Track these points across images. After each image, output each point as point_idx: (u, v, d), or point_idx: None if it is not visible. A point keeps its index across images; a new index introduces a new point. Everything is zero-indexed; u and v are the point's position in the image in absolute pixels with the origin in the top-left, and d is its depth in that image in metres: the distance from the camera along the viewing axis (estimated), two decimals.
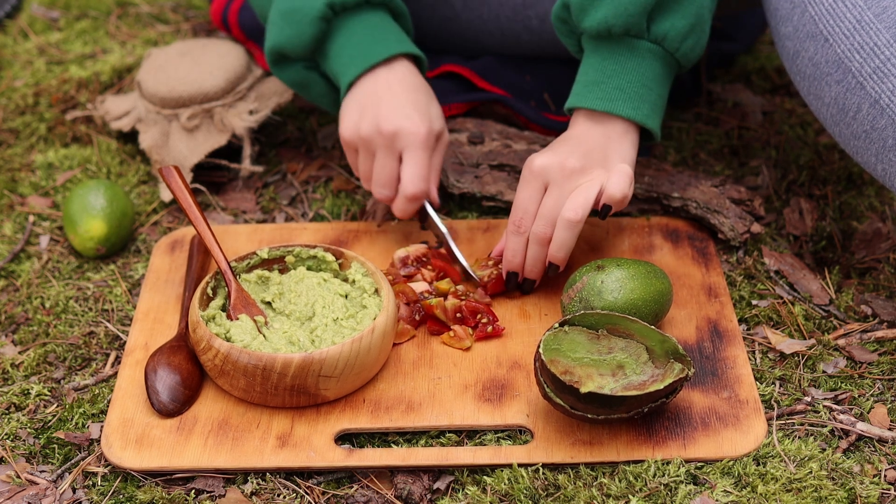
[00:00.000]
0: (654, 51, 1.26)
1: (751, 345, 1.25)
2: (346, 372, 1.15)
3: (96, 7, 1.88)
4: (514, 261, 1.27)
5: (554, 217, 1.24)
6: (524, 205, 1.25)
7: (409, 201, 1.30)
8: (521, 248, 1.26)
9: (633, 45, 1.26)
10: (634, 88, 1.26)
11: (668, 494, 1.08)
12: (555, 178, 1.23)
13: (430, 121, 1.30)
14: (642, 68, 1.26)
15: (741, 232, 1.34)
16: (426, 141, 1.29)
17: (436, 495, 1.11)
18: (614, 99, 1.26)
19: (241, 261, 1.26)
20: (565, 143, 1.27)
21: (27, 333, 1.30)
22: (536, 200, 1.25)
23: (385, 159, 1.30)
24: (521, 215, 1.25)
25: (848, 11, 1.19)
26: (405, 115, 1.29)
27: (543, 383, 1.11)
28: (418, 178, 1.29)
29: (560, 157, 1.24)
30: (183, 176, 1.28)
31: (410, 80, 1.32)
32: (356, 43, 1.32)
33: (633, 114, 1.26)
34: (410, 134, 1.28)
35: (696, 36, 1.27)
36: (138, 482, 1.12)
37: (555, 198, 1.24)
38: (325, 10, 1.31)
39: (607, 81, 1.26)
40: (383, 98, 1.30)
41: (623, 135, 1.27)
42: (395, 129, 1.28)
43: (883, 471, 1.11)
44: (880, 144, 1.19)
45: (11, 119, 1.63)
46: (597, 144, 1.26)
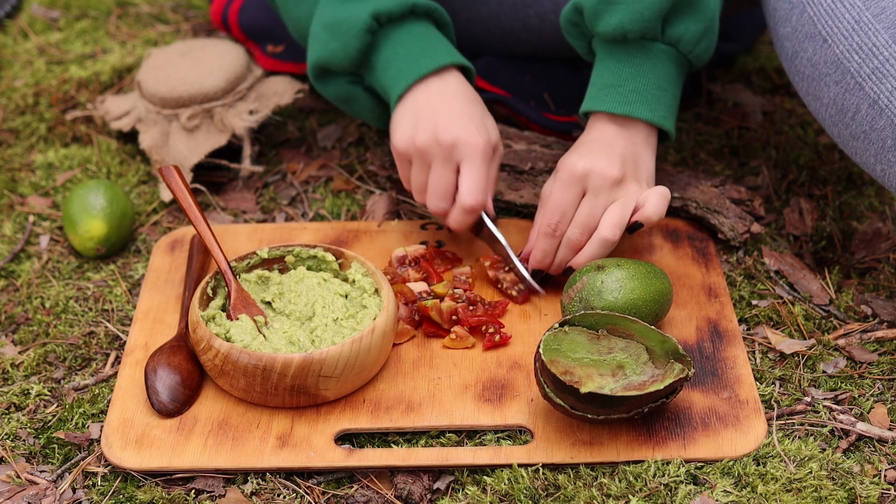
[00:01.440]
0: (669, 52, 1.27)
1: (751, 345, 1.25)
2: (346, 372, 1.15)
3: (96, 7, 1.88)
4: (544, 262, 1.27)
5: (591, 225, 1.24)
6: (562, 208, 1.25)
7: (466, 213, 1.28)
8: (552, 251, 1.27)
9: (648, 47, 1.26)
10: (651, 91, 1.27)
11: (668, 494, 1.08)
12: (596, 185, 1.23)
13: (487, 132, 1.28)
14: (657, 70, 1.27)
15: (741, 232, 1.34)
16: (485, 152, 1.27)
17: (436, 495, 1.11)
18: (632, 102, 1.27)
19: (241, 261, 1.26)
20: (596, 146, 1.26)
21: (27, 333, 1.30)
22: (575, 204, 1.25)
23: (442, 170, 1.27)
24: (559, 218, 1.25)
25: (846, 12, 1.19)
26: (463, 125, 1.27)
27: (543, 383, 1.11)
28: (477, 190, 1.27)
29: (602, 165, 1.23)
30: (183, 176, 1.28)
31: (463, 91, 1.30)
32: (404, 54, 1.30)
33: (652, 116, 1.27)
34: (469, 144, 1.26)
35: (709, 38, 1.28)
36: (138, 482, 1.12)
37: (593, 206, 1.24)
38: (371, 21, 1.29)
39: (624, 84, 1.27)
40: (439, 108, 1.28)
41: (646, 140, 1.28)
42: (453, 139, 1.26)
43: (883, 471, 1.11)
44: (879, 145, 1.19)
45: (11, 119, 1.63)
46: (627, 151, 1.26)
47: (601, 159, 1.24)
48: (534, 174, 1.40)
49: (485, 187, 1.28)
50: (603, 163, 1.24)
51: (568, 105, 1.55)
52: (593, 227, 1.24)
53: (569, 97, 1.56)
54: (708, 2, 1.26)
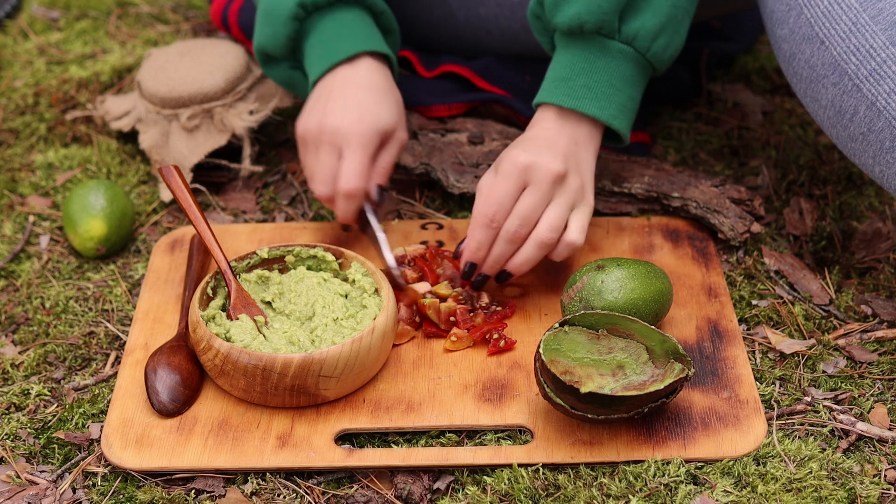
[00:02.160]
0: (625, 52, 1.25)
1: (751, 345, 1.25)
2: (346, 372, 1.15)
3: (96, 7, 1.88)
4: (478, 254, 1.24)
5: (532, 219, 1.22)
6: (501, 199, 1.22)
7: (344, 199, 1.29)
8: (487, 243, 1.23)
9: (604, 44, 1.25)
10: (602, 88, 1.25)
11: (668, 494, 1.08)
12: (538, 179, 1.22)
13: (374, 118, 1.29)
14: (611, 68, 1.26)
15: (741, 232, 1.34)
16: (364, 138, 1.28)
17: (436, 495, 1.11)
18: (580, 97, 1.25)
19: (241, 260, 1.26)
20: (540, 142, 1.25)
21: (27, 333, 1.30)
22: (514, 197, 1.22)
23: (326, 156, 1.29)
24: (496, 209, 1.22)
25: (844, 14, 1.19)
26: (347, 111, 1.28)
27: (543, 383, 1.11)
28: (353, 175, 1.28)
29: (545, 159, 1.22)
30: (183, 176, 1.28)
31: (368, 77, 1.32)
32: (324, 41, 1.33)
33: (599, 113, 1.25)
34: (349, 131, 1.28)
35: (667, 35, 1.26)
36: (138, 482, 1.12)
37: (535, 200, 1.22)
38: (297, 9, 1.32)
39: (575, 79, 1.26)
40: (333, 95, 1.30)
41: (588, 140, 1.27)
42: (334, 125, 1.28)
43: (883, 471, 1.11)
44: (877, 146, 1.19)
45: (11, 119, 1.63)
46: (569, 150, 1.25)
47: (544, 154, 1.23)
48: None
49: (362, 173, 1.28)
50: (546, 157, 1.22)
51: None
52: (533, 221, 1.22)
53: None
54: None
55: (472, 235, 1.24)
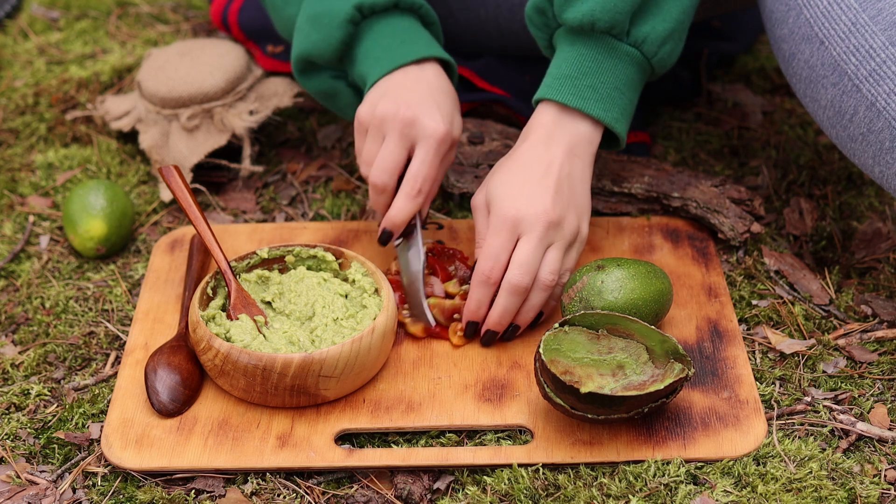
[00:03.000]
0: (632, 55, 1.24)
1: (751, 345, 1.25)
2: (346, 372, 1.15)
3: (96, 7, 1.88)
4: (479, 312, 1.21)
5: (534, 268, 1.19)
6: (496, 253, 1.19)
7: (407, 199, 1.25)
8: (487, 299, 1.21)
9: (612, 45, 1.23)
10: (607, 90, 1.24)
11: (668, 494, 1.08)
12: (532, 228, 1.19)
13: (451, 124, 1.26)
14: (617, 70, 1.24)
15: (741, 232, 1.34)
16: (443, 141, 1.25)
17: (436, 495, 1.11)
18: (586, 97, 1.23)
19: (241, 260, 1.26)
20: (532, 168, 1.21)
21: (27, 333, 1.30)
22: (509, 250, 1.19)
23: (395, 145, 1.25)
24: (493, 264, 1.19)
25: (843, 14, 1.19)
26: (428, 107, 1.25)
27: (543, 383, 1.11)
28: (423, 177, 1.24)
29: (536, 207, 1.18)
30: (183, 176, 1.28)
31: (439, 82, 1.29)
32: (385, 45, 1.29)
33: (604, 115, 1.23)
34: (428, 127, 1.24)
35: (674, 42, 1.25)
36: (138, 482, 1.12)
37: (532, 249, 1.19)
38: (353, 12, 1.29)
39: (581, 78, 1.24)
40: (411, 88, 1.26)
41: (587, 144, 1.24)
42: (414, 115, 1.24)
43: (883, 471, 1.11)
44: (877, 147, 1.19)
45: (11, 119, 1.63)
46: (564, 170, 1.21)
47: (535, 200, 1.19)
48: None
49: (433, 177, 1.25)
50: (537, 204, 1.19)
51: None
52: (535, 269, 1.19)
53: None
54: (676, 3, 1.24)
55: (471, 295, 1.21)
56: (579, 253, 1.24)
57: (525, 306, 1.21)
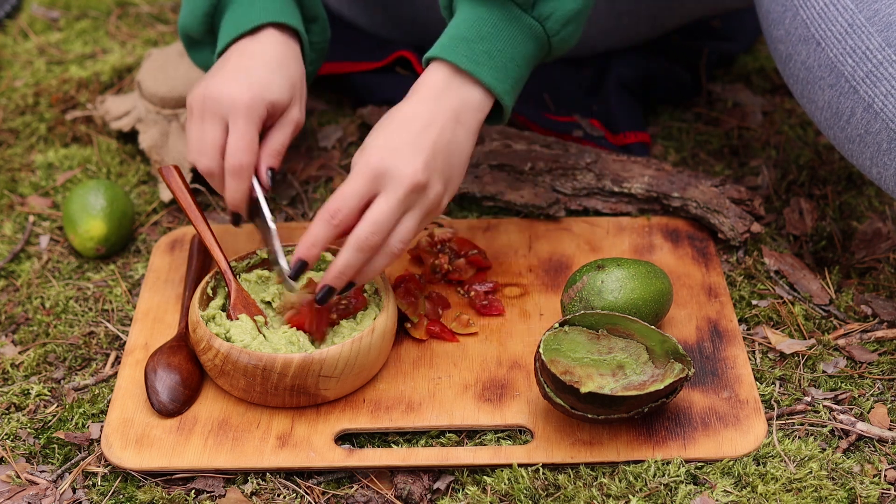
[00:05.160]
0: (534, 29, 1.18)
1: (751, 345, 1.25)
2: (346, 372, 1.15)
3: (96, 7, 1.88)
4: (312, 251, 1.13)
5: (386, 229, 1.11)
6: (347, 197, 1.11)
7: (231, 175, 1.19)
8: (325, 239, 1.12)
9: (515, 15, 1.18)
10: (503, 59, 1.18)
11: (668, 494, 1.08)
12: (394, 187, 1.11)
13: (262, 88, 1.20)
14: (517, 41, 1.18)
15: (741, 232, 1.35)
16: (249, 108, 1.19)
17: (436, 495, 1.11)
18: (481, 63, 1.17)
19: (241, 260, 1.26)
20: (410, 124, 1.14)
21: (27, 333, 1.30)
22: (363, 198, 1.12)
23: (210, 126, 1.20)
24: (341, 206, 1.11)
25: (839, 15, 1.19)
26: (234, 80, 1.20)
27: (543, 383, 1.11)
28: (239, 148, 1.18)
29: (403, 165, 1.12)
30: (183, 175, 1.28)
31: (266, 49, 1.23)
32: (234, 16, 1.25)
33: (496, 84, 1.17)
34: (234, 99, 1.18)
35: (576, 24, 1.21)
36: (138, 482, 1.12)
37: (389, 209, 1.11)
38: None
39: (478, 42, 1.17)
40: (226, 65, 1.23)
41: (475, 112, 1.17)
42: (218, 93, 1.19)
43: (883, 471, 1.11)
44: (875, 148, 1.19)
45: (11, 119, 1.63)
46: (443, 136, 1.14)
47: (405, 155, 1.12)
48: (534, 174, 1.40)
49: (249, 147, 1.18)
50: (405, 162, 1.12)
51: (567, 105, 1.55)
52: (387, 231, 1.12)
53: (568, 97, 1.56)
54: None
55: (309, 230, 1.13)
56: (429, 221, 1.17)
57: (367, 267, 1.13)
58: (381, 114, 1.52)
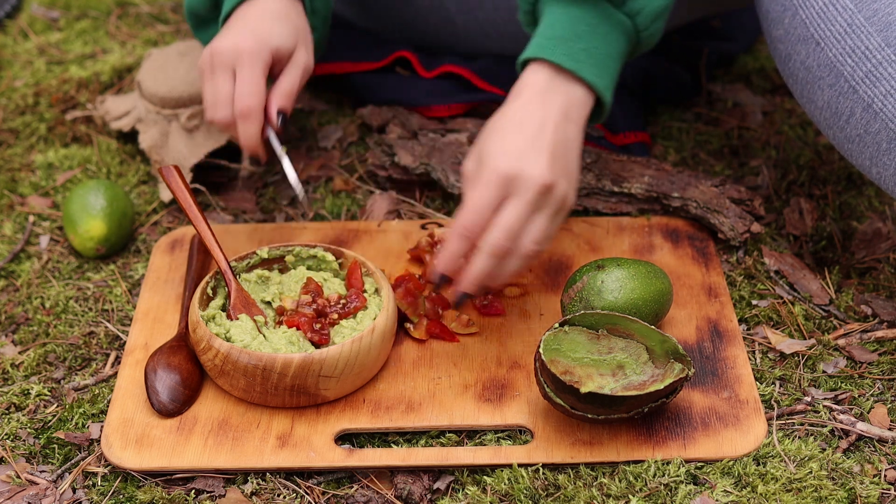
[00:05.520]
0: (625, 25, 1.19)
1: (751, 345, 1.25)
2: (346, 372, 1.15)
3: (96, 7, 1.88)
4: (452, 265, 1.15)
5: (518, 233, 1.12)
6: (481, 208, 1.12)
7: (241, 119, 1.23)
8: (463, 253, 1.14)
9: (608, 12, 1.19)
10: (601, 56, 1.18)
11: (668, 494, 1.08)
12: (524, 191, 1.12)
13: (265, 35, 1.24)
14: (611, 38, 1.19)
15: (741, 232, 1.35)
16: (252, 54, 1.23)
17: (436, 495, 1.11)
18: (581, 60, 1.17)
19: (241, 260, 1.26)
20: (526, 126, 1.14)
21: (27, 333, 1.30)
22: (494, 208, 1.12)
23: (220, 79, 1.25)
24: (477, 219, 1.12)
25: (839, 15, 1.19)
26: (238, 33, 1.25)
27: (543, 383, 1.11)
28: (246, 93, 1.23)
29: (531, 167, 1.12)
30: (183, 175, 1.28)
31: (268, 6, 1.27)
32: None
33: (597, 81, 1.18)
34: (239, 49, 1.23)
35: (662, 20, 1.22)
36: (138, 482, 1.12)
37: (520, 213, 1.12)
38: None
39: (576, 41, 1.18)
40: (227, 26, 1.27)
41: (580, 109, 1.18)
42: (224, 46, 1.24)
43: (883, 471, 1.11)
44: (874, 148, 1.19)
45: (11, 119, 1.63)
46: (558, 135, 1.15)
47: (529, 158, 1.12)
48: None
49: (255, 91, 1.23)
50: (532, 164, 1.12)
51: None
52: (519, 234, 1.13)
53: None
54: None
55: (448, 246, 1.14)
56: (563, 221, 1.18)
57: (501, 271, 1.14)
58: (381, 114, 1.52)
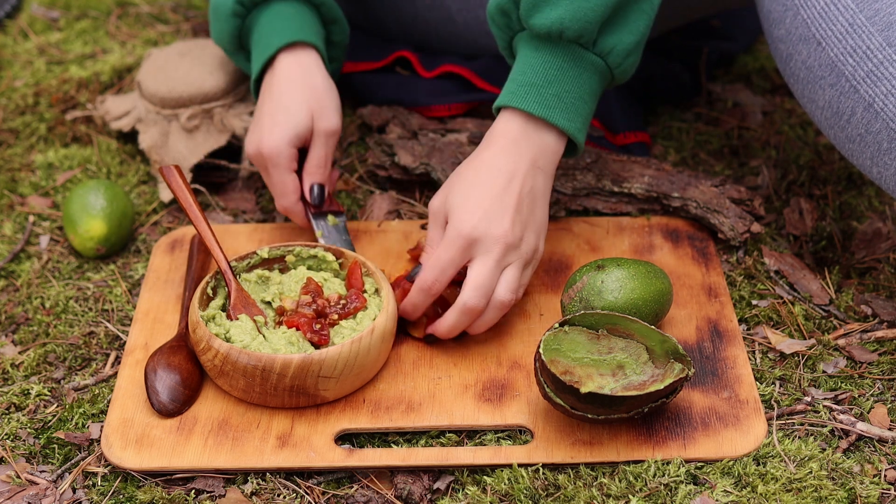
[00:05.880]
0: (597, 64, 1.21)
1: (751, 345, 1.25)
2: (345, 372, 1.15)
3: (96, 7, 1.88)
4: (412, 314, 1.22)
5: (490, 288, 1.17)
6: (442, 266, 1.18)
7: (286, 215, 1.33)
8: (423, 307, 1.21)
9: (579, 54, 1.21)
10: (572, 99, 1.21)
11: (668, 494, 1.08)
12: (488, 250, 1.17)
13: (282, 129, 1.29)
14: (582, 80, 1.21)
15: (741, 232, 1.35)
16: (273, 159, 1.29)
17: (436, 495, 1.11)
18: (552, 106, 1.20)
19: (242, 260, 1.26)
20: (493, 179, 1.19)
21: (27, 333, 1.30)
22: (457, 266, 1.18)
23: (265, 176, 1.33)
24: (437, 276, 1.18)
25: (840, 14, 1.19)
26: (259, 131, 1.30)
27: (543, 383, 1.11)
28: (279, 195, 1.31)
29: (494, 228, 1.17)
30: (183, 175, 1.28)
31: (281, 77, 1.32)
32: (257, 40, 1.34)
33: (568, 125, 1.21)
34: (260, 154, 1.30)
35: (636, 54, 1.24)
36: (138, 482, 1.12)
37: (488, 270, 1.17)
38: (236, 6, 1.33)
39: (547, 87, 1.21)
40: (259, 107, 1.33)
41: (552, 155, 1.22)
42: (252, 152, 1.31)
43: (883, 471, 1.11)
44: (875, 148, 1.19)
45: (11, 119, 1.63)
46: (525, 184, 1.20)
47: (494, 217, 1.17)
48: None
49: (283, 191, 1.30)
50: (496, 224, 1.17)
51: None
52: (491, 290, 1.18)
53: None
54: (642, 16, 1.22)
55: (410, 297, 1.21)
56: (534, 269, 1.23)
57: (478, 322, 1.20)
58: (381, 114, 1.52)
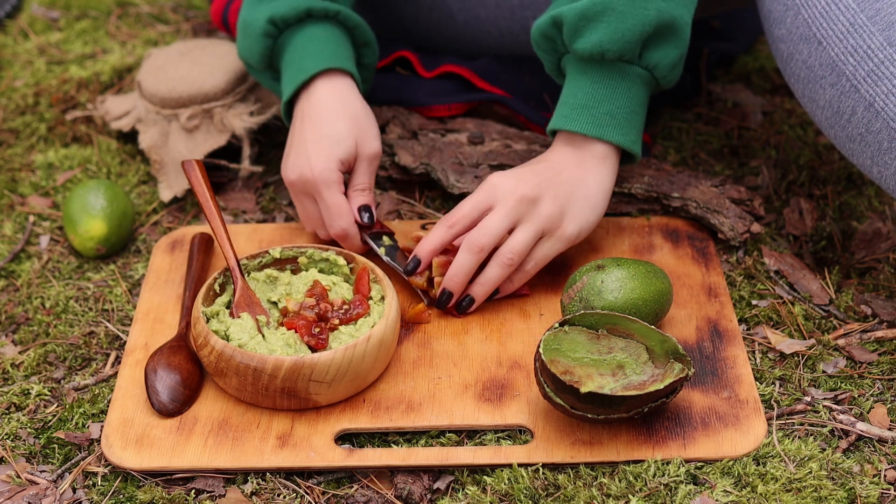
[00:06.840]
0: (644, 76, 1.25)
1: (751, 345, 1.25)
2: (337, 378, 1.14)
3: (96, 7, 1.88)
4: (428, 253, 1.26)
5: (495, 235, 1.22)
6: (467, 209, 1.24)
7: (341, 240, 1.31)
8: (440, 243, 1.25)
9: (624, 70, 1.24)
10: (624, 115, 1.25)
11: (668, 494, 1.08)
12: (502, 199, 1.23)
13: (328, 155, 1.28)
14: (632, 93, 1.25)
15: (741, 232, 1.35)
16: (322, 182, 1.28)
17: (436, 495, 1.11)
18: (604, 125, 1.25)
19: (253, 259, 1.26)
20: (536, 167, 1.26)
21: (27, 333, 1.30)
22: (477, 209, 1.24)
23: (305, 202, 1.32)
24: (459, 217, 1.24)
25: (841, 14, 1.19)
26: (303, 156, 1.29)
27: (543, 383, 1.11)
28: (335, 217, 1.29)
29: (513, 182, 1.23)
30: (204, 170, 1.28)
31: (320, 104, 1.31)
32: (291, 63, 1.33)
33: (622, 139, 1.26)
34: (304, 180, 1.29)
35: (681, 64, 1.27)
36: (138, 482, 1.12)
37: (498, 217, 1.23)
38: (268, 25, 1.32)
39: (597, 106, 1.25)
40: (292, 142, 1.31)
41: (603, 159, 1.26)
42: (296, 178, 1.30)
43: (883, 471, 1.11)
44: (875, 147, 1.19)
45: (11, 119, 1.63)
46: (564, 173, 1.25)
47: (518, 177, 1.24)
48: None
49: (339, 213, 1.28)
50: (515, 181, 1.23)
51: None
52: (496, 238, 1.23)
53: None
54: (686, 29, 1.25)
55: (431, 233, 1.26)
56: (556, 250, 1.25)
57: (481, 277, 1.24)
58: (382, 114, 1.52)
